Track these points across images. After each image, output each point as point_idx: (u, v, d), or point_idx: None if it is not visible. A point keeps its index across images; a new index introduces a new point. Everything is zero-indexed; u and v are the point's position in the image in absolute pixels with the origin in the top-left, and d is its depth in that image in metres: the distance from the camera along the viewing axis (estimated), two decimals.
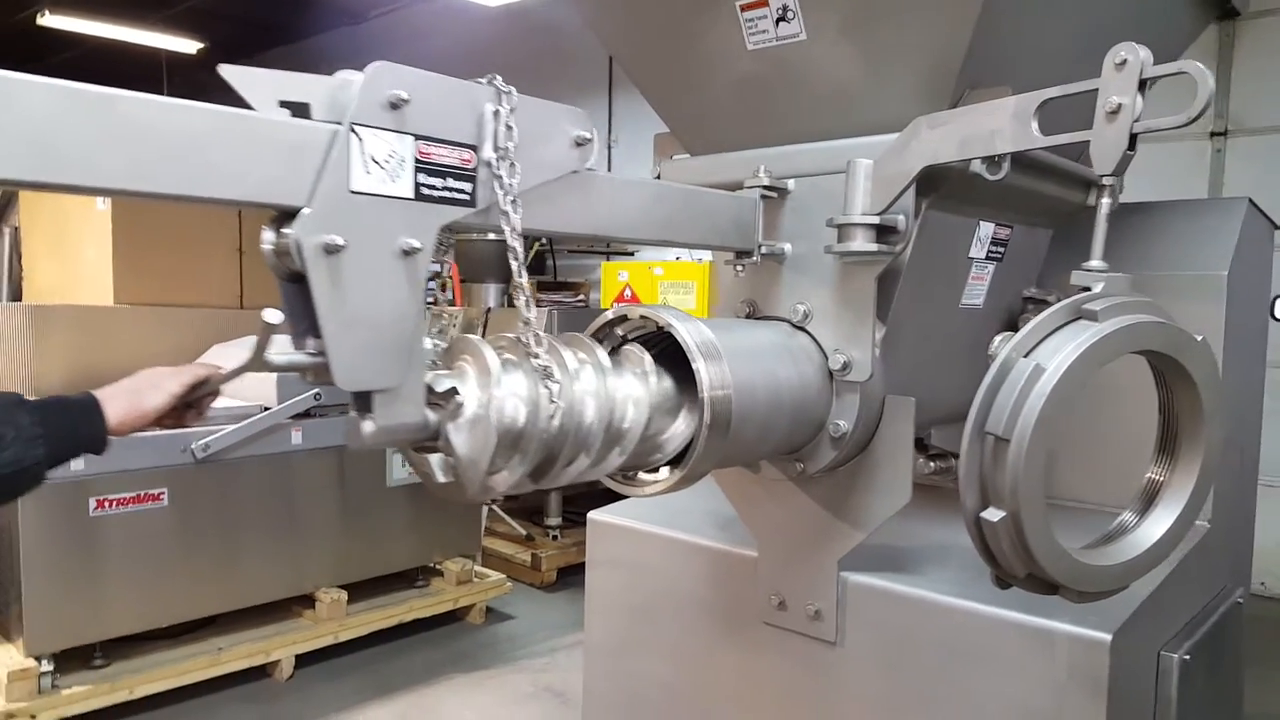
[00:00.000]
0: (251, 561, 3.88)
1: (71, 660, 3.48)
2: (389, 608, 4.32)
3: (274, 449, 3.85)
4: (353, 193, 1.11)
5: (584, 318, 5.46)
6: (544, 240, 7.73)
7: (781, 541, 1.87)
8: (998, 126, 1.30)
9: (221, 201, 1.04)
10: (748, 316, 1.81)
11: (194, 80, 10.98)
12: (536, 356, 1.26)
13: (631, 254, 7.53)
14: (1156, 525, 1.33)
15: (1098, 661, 1.50)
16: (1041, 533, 1.15)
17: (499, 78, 1.23)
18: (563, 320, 5.32)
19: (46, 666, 3.38)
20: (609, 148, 9.12)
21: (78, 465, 3.34)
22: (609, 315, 1.57)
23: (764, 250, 1.72)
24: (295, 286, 1.11)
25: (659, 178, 1.98)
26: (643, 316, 1.53)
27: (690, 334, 1.45)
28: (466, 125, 1.21)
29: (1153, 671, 1.76)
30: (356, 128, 1.10)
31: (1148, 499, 1.36)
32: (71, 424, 1.30)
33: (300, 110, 1.09)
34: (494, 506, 5.42)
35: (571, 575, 5.20)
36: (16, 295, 5.74)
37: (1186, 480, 1.34)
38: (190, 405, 1.41)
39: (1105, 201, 1.19)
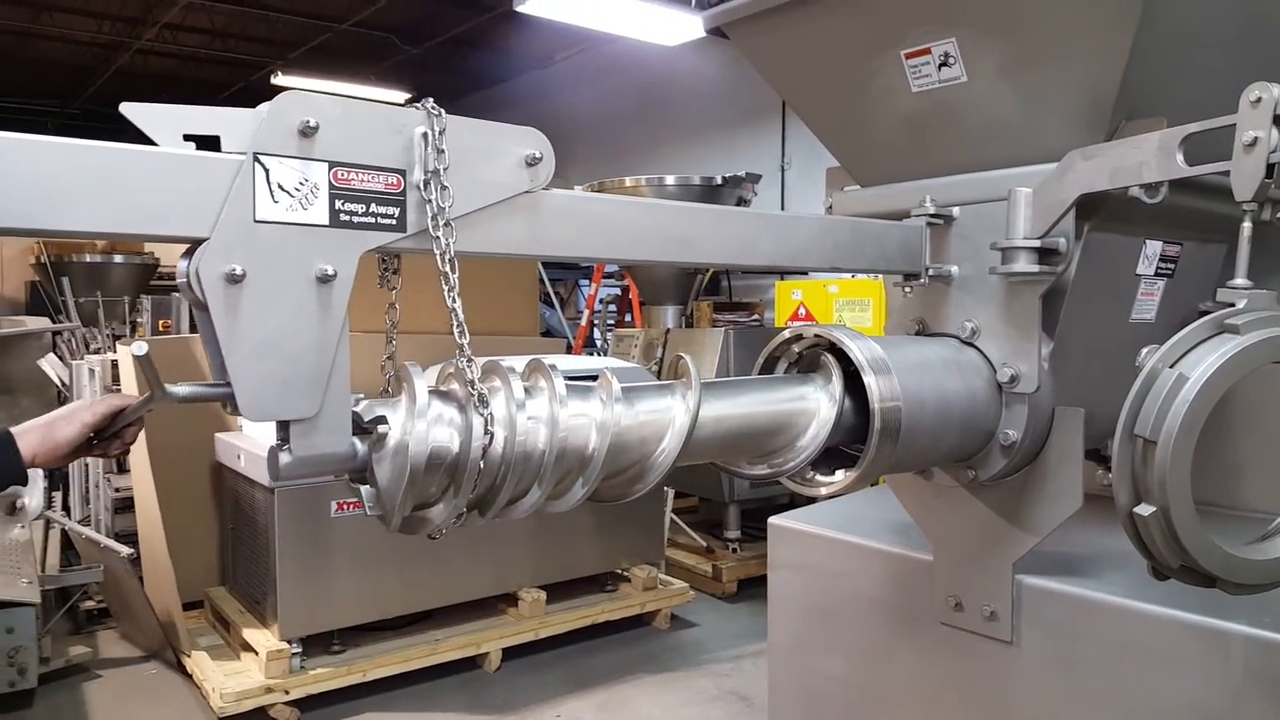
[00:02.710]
0: (461, 561, 4.28)
1: (315, 645, 3.97)
2: (583, 609, 4.64)
3: None
4: (258, 222, 1.10)
5: (759, 337, 5.65)
6: None
7: (957, 545, 1.97)
8: (1145, 158, 1.41)
9: (129, 235, 1.07)
10: (917, 334, 1.95)
11: None
12: (471, 384, 1.22)
13: (805, 273, 7.64)
14: None
15: (1275, 663, 1.53)
16: (1191, 526, 1.24)
17: (430, 100, 1.21)
18: (738, 339, 5.45)
19: (296, 649, 3.87)
20: (782, 171, 9.27)
21: None
22: (785, 335, 1.75)
23: (932, 272, 1.86)
24: (207, 315, 1.10)
25: (830, 209, 2.15)
26: (816, 335, 1.70)
27: (861, 350, 1.61)
28: (393, 150, 1.19)
29: None
30: (261, 157, 1.10)
31: None
32: None
33: (208, 143, 1.09)
34: (675, 518, 5.66)
35: (752, 587, 5.34)
36: None
37: None
38: (117, 435, 1.41)
39: (1246, 225, 1.28)
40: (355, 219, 1.17)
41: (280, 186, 1.11)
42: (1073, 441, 1.78)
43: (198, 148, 1.09)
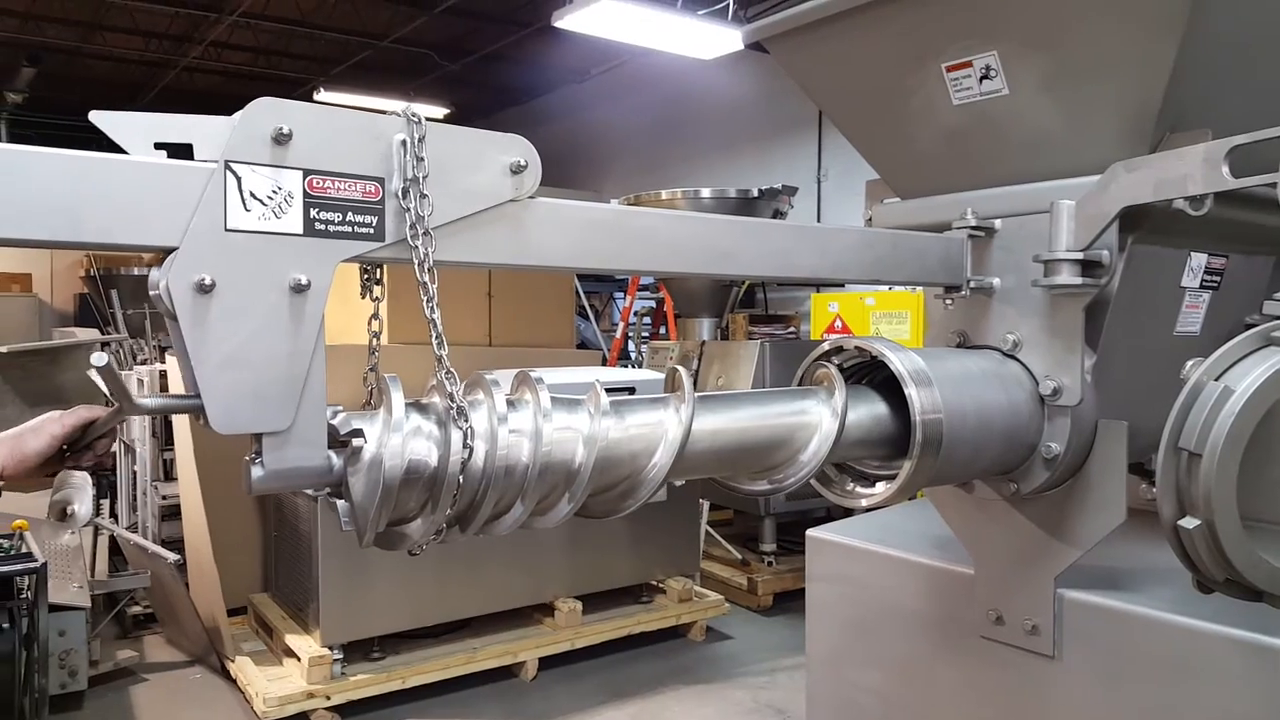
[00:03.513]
0: (499, 571, 4.33)
1: (355, 651, 4.04)
2: (619, 619, 4.66)
3: None
4: (229, 231, 1.08)
5: (795, 349, 5.64)
6: None
7: (998, 558, 1.95)
8: (1190, 171, 1.40)
9: (95, 245, 1.04)
10: (958, 346, 1.95)
11: None
12: (451, 396, 1.19)
13: (841, 285, 7.62)
14: None
15: None
16: (1236, 539, 1.23)
17: (411, 107, 1.19)
18: (774, 352, 5.43)
19: (337, 655, 3.93)
20: (818, 183, 9.27)
21: None
22: (825, 347, 1.76)
23: (973, 284, 1.86)
24: (178, 326, 1.09)
25: (870, 221, 2.16)
26: (858, 347, 1.71)
27: (902, 362, 1.62)
28: (371, 157, 1.17)
29: None
30: (232, 165, 1.08)
31: None
32: None
33: (180, 151, 1.08)
34: (711, 530, 5.66)
35: (788, 601, 5.32)
36: None
37: None
38: (89, 447, 1.40)
39: None
40: (331, 228, 1.14)
41: (252, 195, 1.09)
42: (1116, 454, 1.77)
43: (171, 156, 1.08)
